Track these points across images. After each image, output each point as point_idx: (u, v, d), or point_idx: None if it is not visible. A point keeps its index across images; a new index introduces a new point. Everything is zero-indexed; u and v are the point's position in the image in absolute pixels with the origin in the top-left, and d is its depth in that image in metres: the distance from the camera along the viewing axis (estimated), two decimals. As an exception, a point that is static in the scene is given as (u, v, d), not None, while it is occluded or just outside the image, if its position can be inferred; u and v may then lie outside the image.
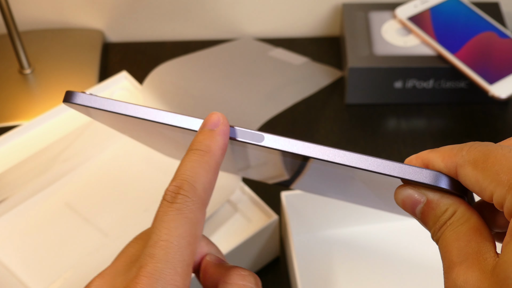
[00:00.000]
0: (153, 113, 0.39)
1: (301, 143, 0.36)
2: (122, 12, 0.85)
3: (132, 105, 0.39)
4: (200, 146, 0.36)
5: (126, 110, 0.39)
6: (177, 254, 0.34)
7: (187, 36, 0.87)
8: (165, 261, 0.33)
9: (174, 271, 0.33)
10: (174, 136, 0.42)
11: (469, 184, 0.32)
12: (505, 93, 0.71)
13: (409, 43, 0.77)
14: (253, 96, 0.77)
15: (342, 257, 0.63)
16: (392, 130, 0.76)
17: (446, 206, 0.33)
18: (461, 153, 0.33)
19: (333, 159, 0.36)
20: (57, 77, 0.80)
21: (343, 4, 0.83)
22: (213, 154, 0.36)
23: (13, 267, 0.59)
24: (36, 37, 0.85)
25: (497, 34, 0.77)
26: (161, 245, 0.34)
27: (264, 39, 0.86)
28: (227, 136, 0.37)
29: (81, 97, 0.40)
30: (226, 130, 0.37)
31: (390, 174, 0.34)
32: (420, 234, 0.63)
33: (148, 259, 0.34)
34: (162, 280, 0.33)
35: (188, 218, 0.34)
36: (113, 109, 0.40)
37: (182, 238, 0.34)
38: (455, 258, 0.31)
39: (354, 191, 0.44)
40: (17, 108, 0.77)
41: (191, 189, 0.35)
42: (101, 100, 0.40)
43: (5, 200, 0.63)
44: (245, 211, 0.62)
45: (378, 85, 0.77)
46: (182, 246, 0.34)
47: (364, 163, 0.35)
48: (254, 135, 0.37)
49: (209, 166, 0.36)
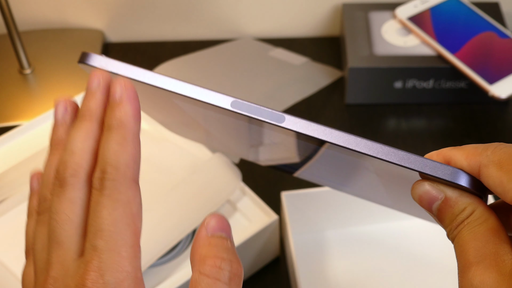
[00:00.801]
0: (185, 87, 0.37)
1: (322, 127, 0.35)
2: (122, 12, 0.85)
3: (158, 74, 0.37)
4: (111, 122, 0.35)
5: (150, 79, 0.37)
6: (118, 239, 0.33)
7: (187, 36, 0.87)
8: (108, 250, 0.33)
9: (120, 257, 0.33)
10: (197, 113, 0.41)
11: (491, 185, 0.32)
12: (505, 93, 0.71)
13: (409, 43, 0.77)
14: (253, 96, 0.77)
15: (342, 257, 0.63)
16: (392, 130, 0.76)
17: (465, 205, 0.33)
18: (486, 152, 0.32)
19: (354, 147, 0.35)
20: (57, 77, 0.80)
21: (343, 4, 0.83)
22: (125, 126, 0.34)
23: (13, 267, 0.59)
24: (36, 37, 0.85)
25: (497, 34, 0.77)
26: (100, 235, 0.33)
27: (264, 39, 0.86)
28: (135, 100, 0.35)
29: (98, 59, 0.38)
30: (132, 95, 0.35)
31: (411, 167, 0.34)
32: (420, 234, 0.63)
33: (92, 252, 0.33)
34: (109, 270, 0.33)
35: (120, 200, 0.34)
36: (134, 76, 0.37)
37: (119, 221, 0.33)
38: (472, 258, 0.31)
39: (363, 182, 0.44)
40: (17, 108, 0.77)
41: (113, 169, 0.34)
42: (119, 64, 0.37)
43: (5, 200, 0.63)
44: (245, 211, 0.62)
45: (378, 85, 0.77)
46: (121, 230, 0.33)
47: (386, 153, 0.34)
48: (274, 115, 0.36)
49: (126, 140, 0.34)
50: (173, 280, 0.58)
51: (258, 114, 0.36)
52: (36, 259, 0.36)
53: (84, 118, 0.35)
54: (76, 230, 0.34)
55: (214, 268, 0.34)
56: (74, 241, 0.34)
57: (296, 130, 0.36)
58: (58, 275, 0.34)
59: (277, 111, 0.36)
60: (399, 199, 0.43)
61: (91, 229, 0.34)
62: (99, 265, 0.33)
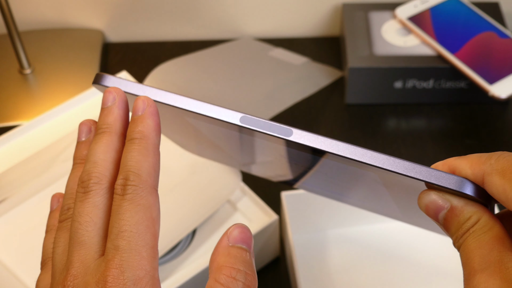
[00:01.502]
0: (196, 104, 0.39)
1: (328, 140, 0.36)
2: (122, 12, 0.85)
3: (168, 93, 0.39)
4: (134, 135, 0.38)
5: (163, 98, 0.39)
6: (139, 239, 0.35)
7: (187, 36, 0.87)
8: (129, 249, 0.35)
9: (140, 257, 0.35)
10: (209, 130, 0.42)
11: (495, 193, 0.33)
12: (505, 93, 0.71)
13: (409, 43, 0.77)
14: (253, 96, 0.77)
15: (342, 257, 0.63)
16: (392, 130, 0.76)
17: (470, 213, 0.33)
18: (490, 161, 0.33)
19: (360, 158, 0.36)
20: (57, 77, 0.80)
21: (343, 4, 0.83)
22: (147, 137, 0.37)
23: (13, 267, 0.59)
24: (36, 37, 0.85)
25: (497, 34, 0.77)
26: (122, 236, 0.35)
27: (264, 39, 0.86)
28: (156, 116, 0.38)
29: (111, 80, 0.40)
30: (153, 111, 0.38)
31: (417, 177, 0.34)
32: (420, 234, 0.63)
33: (114, 251, 0.35)
34: (130, 268, 0.35)
35: (141, 205, 0.36)
36: (146, 95, 0.39)
37: (140, 223, 0.35)
38: (476, 265, 0.31)
39: (369, 194, 0.44)
40: (17, 108, 0.77)
41: (136, 177, 0.36)
42: (132, 84, 0.40)
43: (5, 200, 0.63)
44: (245, 211, 0.62)
45: (378, 85, 0.77)
46: (142, 232, 0.35)
47: (391, 164, 0.35)
48: (282, 129, 0.37)
49: (147, 150, 0.37)
50: (173, 280, 0.58)
51: (267, 128, 0.38)
52: (55, 263, 0.38)
53: (104, 132, 0.39)
54: (98, 231, 0.37)
55: (229, 278, 0.35)
56: (96, 241, 0.37)
57: (303, 143, 0.37)
58: (78, 273, 0.36)
59: (285, 125, 0.38)
60: (405, 210, 0.44)
61: (114, 230, 0.36)
62: (120, 263, 0.35)
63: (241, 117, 0.38)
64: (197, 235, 0.61)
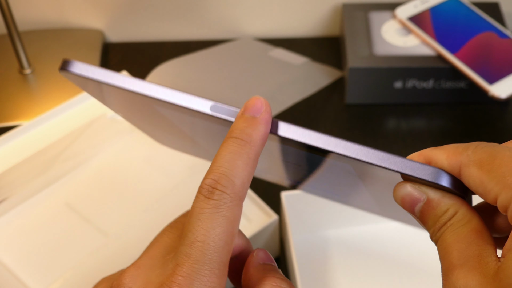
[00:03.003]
0: (164, 92, 0.36)
1: (302, 130, 0.34)
2: (122, 12, 0.85)
3: (138, 80, 0.37)
4: (240, 135, 0.34)
5: (130, 85, 0.37)
6: (215, 255, 0.33)
7: (187, 36, 0.87)
8: (202, 262, 0.33)
9: (211, 272, 0.33)
10: (180, 120, 0.40)
11: (472, 185, 0.32)
12: (505, 93, 0.71)
13: (409, 43, 0.77)
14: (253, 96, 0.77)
15: (342, 257, 0.63)
16: (392, 130, 0.76)
17: (447, 206, 0.32)
18: (467, 152, 0.32)
19: (333, 148, 0.34)
20: (57, 77, 0.80)
21: (343, 4, 0.83)
22: (254, 144, 0.34)
23: (13, 267, 0.59)
24: (36, 37, 0.85)
25: (497, 34, 0.77)
26: (198, 245, 0.33)
27: (264, 39, 0.86)
28: (269, 125, 0.35)
29: (78, 66, 0.38)
30: (269, 118, 0.35)
31: (390, 168, 0.33)
32: (420, 234, 0.63)
33: (185, 258, 0.33)
34: (198, 281, 0.32)
35: (226, 217, 0.33)
36: (115, 83, 0.37)
37: (220, 239, 0.33)
38: (455, 260, 0.30)
39: (348, 189, 0.43)
40: (17, 108, 0.77)
41: (229, 184, 0.33)
42: (100, 71, 0.37)
43: (5, 200, 0.63)
44: (245, 211, 0.62)
45: (378, 85, 0.77)
46: (220, 247, 0.33)
47: (365, 154, 0.34)
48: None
49: (249, 158, 0.34)
50: (173, 280, 0.58)
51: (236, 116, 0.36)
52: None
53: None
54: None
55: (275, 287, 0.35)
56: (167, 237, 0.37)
57: (279, 133, 0.35)
58: (141, 264, 0.35)
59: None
60: (382, 204, 0.42)
61: (189, 235, 0.33)
62: (189, 272, 0.33)
63: (212, 106, 0.36)
64: (197, 235, 0.61)
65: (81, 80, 0.39)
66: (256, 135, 0.34)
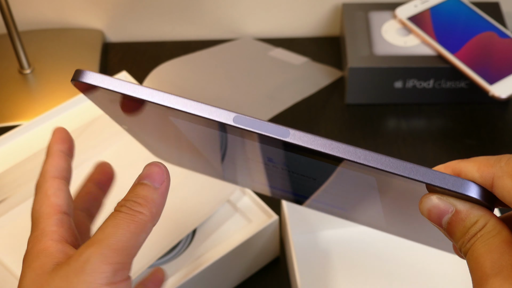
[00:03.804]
0: (187, 103, 0.35)
1: (322, 139, 0.34)
2: (122, 12, 0.85)
3: (156, 91, 0.36)
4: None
5: (148, 96, 0.36)
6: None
7: (187, 36, 0.87)
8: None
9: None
10: (193, 132, 0.39)
11: (506, 196, 0.32)
12: (505, 93, 0.71)
13: (409, 43, 0.77)
14: (253, 96, 0.77)
15: (342, 257, 0.63)
16: (392, 130, 0.76)
17: (477, 217, 0.32)
18: (499, 164, 0.32)
19: (358, 159, 0.33)
20: (57, 77, 0.80)
21: (343, 4, 0.83)
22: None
23: (13, 267, 0.59)
24: (36, 37, 0.85)
25: (497, 34, 0.77)
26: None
27: (264, 39, 0.86)
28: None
29: (92, 77, 0.37)
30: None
31: (421, 180, 0.33)
32: (420, 234, 0.63)
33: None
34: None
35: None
36: (134, 94, 0.36)
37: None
38: (488, 270, 0.31)
39: (364, 205, 0.42)
40: (17, 108, 0.77)
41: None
42: (116, 81, 0.36)
43: (5, 200, 0.63)
44: (245, 211, 0.62)
45: (378, 85, 0.77)
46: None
47: (392, 166, 0.33)
48: (279, 130, 0.34)
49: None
50: (173, 280, 0.58)
51: (262, 129, 0.35)
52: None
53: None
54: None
55: (117, 207, 0.40)
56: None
57: (302, 144, 0.34)
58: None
59: (281, 126, 0.35)
60: (394, 219, 0.42)
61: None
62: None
63: (235, 117, 0.35)
64: (197, 235, 0.61)
65: (94, 91, 0.38)
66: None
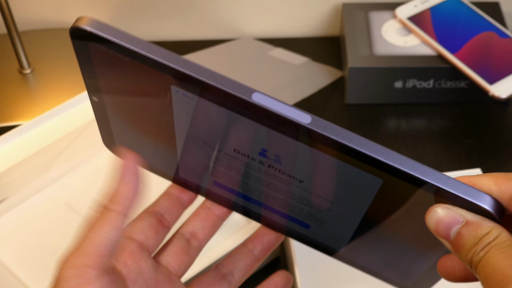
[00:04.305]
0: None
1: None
2: (122, 12, 0.85)
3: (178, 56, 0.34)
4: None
5: (166, 58, 0.33)
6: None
7: (187, 36, 0.87)
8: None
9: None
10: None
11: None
12: (505, 93, 0.71)
13: (409, 43, 0.77)
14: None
15: (342, 257, 0.63)
16: (392, 130, 0.76)
17: (489, 228, 0.32)
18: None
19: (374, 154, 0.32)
20: (57, 77, 0.80)
21: (343, 4, 0.83)
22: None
23: (13, 267, 0.59)
24: (36, 37, 0.85)
25: (497, 34, 0.77)
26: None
27: (264, 39, 0.86)
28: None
29: (103, 27, 0.33)
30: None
31: (434, 183, 0.32)
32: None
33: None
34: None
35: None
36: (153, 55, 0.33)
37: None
38: (510, 272, 0.30)
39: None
40: (17, 108, 0.77)
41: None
42: (132, 38, 0.33)
43: (5, 200, 0.63)
44: (245, 211, 0.62)
45: (378, 85, 0.77)
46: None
47: (407, 166, 0.32)
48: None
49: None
50: (173, 280, 0.58)
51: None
52: None
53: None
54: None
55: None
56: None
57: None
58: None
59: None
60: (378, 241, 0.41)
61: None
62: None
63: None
64: (197, 235, 0.61)
65: (93, 43, 0.35)
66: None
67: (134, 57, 0.34)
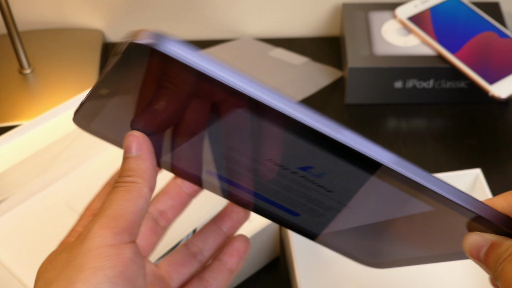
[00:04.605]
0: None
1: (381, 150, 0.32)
2: (122, 12, 0.85)
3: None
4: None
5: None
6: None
7: (187, 36, 0.87)
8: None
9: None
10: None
11: None
12: (505, 93, 0.71)
13: (409, 43, 0.77)
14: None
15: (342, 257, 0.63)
16: (392, 130, 0.76)
17: (508, 245, 0.35)
18: None
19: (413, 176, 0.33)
20: (57, 77, 0.80)
21: (343, 4, 0.83)
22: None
23: (13, 267, 0.59)
24: (36, 37, 0.85)
25: (497, 34, 0.77)
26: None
27: (264, 39, 0.86)
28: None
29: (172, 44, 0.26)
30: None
31: (476, 212, 0.34)
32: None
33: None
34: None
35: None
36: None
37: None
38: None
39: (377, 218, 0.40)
40: (17, 108, 0.77)
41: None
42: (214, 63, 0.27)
43: (5, 200, 0.63)
44: (245, 211, 0.62)
45: (378, 85, 0.77)
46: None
47: (449, 192, 0.34)
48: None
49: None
50: (173, 280, 0.58)
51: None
52: None
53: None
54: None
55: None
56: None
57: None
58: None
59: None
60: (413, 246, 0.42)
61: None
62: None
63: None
64: (197, 235, 0.61)
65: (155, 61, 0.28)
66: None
67: (211, 82, 0.30)
